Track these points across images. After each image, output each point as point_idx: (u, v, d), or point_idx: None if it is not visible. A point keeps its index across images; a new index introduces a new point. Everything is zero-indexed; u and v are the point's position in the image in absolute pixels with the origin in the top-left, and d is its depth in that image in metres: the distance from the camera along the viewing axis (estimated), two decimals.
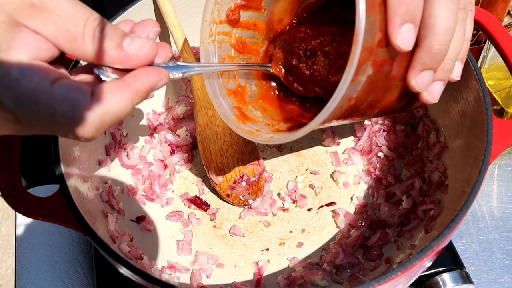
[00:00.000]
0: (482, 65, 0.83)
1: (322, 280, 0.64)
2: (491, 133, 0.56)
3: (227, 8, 0.59)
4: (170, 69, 0.45)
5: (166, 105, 0.80)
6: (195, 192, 0.75)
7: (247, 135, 0.57)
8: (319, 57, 0.58)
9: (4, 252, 1.74)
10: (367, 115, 0.53)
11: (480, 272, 0.72)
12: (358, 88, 0.45)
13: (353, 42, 0.42)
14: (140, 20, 0.45)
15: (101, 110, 0.39)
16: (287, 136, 0.53)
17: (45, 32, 0.39)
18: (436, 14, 0.45)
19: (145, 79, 0.41)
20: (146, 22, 0.44)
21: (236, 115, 0.59)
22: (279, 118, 0.61)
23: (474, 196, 0.53)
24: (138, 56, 0.41)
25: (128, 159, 0.74)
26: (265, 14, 0.62)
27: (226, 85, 0.60)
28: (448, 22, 0.45)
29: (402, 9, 0.43)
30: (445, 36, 0.45)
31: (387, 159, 0.74)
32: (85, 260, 0.74)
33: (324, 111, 0.46)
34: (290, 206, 0.73)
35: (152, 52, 0.42)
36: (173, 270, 0.67)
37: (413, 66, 0.47)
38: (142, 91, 0.41)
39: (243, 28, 0.62)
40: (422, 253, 0.50)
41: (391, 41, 0.44)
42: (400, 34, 0.43)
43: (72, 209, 0.54)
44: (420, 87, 0.48)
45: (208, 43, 0.60)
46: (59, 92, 0.38)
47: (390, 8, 0.43)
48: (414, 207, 0.67)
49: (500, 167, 0.82)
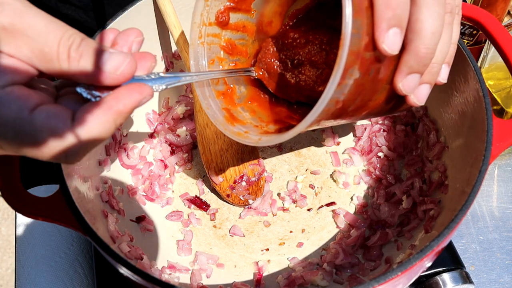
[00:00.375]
0: (482, 65, 0.83)
1: (322, 280, 0.64)
2: (491, 133, 0.56)
3: (217, 10, 0.60)
4: (153, 81, 0.43)
5: (166, 105, 0.80)
6: (195, 192, 0.75)
7: (236, 136, 0.57)
8: (306, 67, 0.58)
9: (4, 252, 1.74)
10: (355, 117, 0.53)
11: (480, 272, 0.72)
12: (345, 91, 0.46)
13: (340, 45, 0.42)
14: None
15: (83, 135, 0.38)
16: (275, 138, 0.54)
17: (19, 55, 0.38)
18: (423, 18, 0.45)
19: (127, 100, 0.40)
20: (129, 31, 0.43)
21: (225, 116, 0.59)
22: (267, 120, 0.61)
23: (474, 196, 0.53)
24: (114, 75, 0.40)
25: (128, 159, 0.74)
26: (255, 16, 0.62)
27: (215, 86, 0.61)
28: (435, 26, 0.45)
29: (388, 14, 0.43)
30: (432, 40, 0.46)
31: (387, 159, 0.74)
32: (85, 260, 0.74)
33: (311, 114, 0.46)
34: (290, 206, 0.73)
35: (130, 70, 0.40)
36: (173, 270, 0.67)
37: (400, 69, 0.47)
38: (124, 112, 0.40)
39: (232, 30, 0.62)
40: (422, 253, 0.50)
41: (378, 45, 0.44)
42: (386, 38, 0.44)
43: (72, 209, 0.54)
44: (407, 90, 0.48)
45: (197, 45, 0.60)
46: (39, 120, 0.37)
47: (377, 13, 0.43)
48: (414, 207, 0.67)
49: (500, 167, 0.82)
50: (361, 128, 0.77)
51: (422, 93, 0.50)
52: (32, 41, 0.38)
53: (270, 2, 0.62)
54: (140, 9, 0.69)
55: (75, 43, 0.39)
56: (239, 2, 0.60)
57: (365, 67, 0.45)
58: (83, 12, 0.91)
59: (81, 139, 0.38)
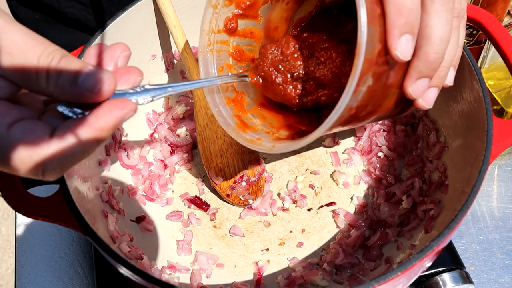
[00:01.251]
0: (482, 65, 0.83)
1: (322, 280, 0.64)
2: (491, 133, 0.56)
3: (225, 17, 0.60)
4: (138, 95, 0.42)
5: (166, 105, 0.80)
6: (195, 192, 0.75)
7: (249, 144, 0.57)
8: (308, 82, 0.58)
9: (4, 252, 1.74)
10: (364, 121, 0.54)
11: (480, 272, 0.72)
12: (359, 98, 0.46)
13: (356, 54, 0.43)
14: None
15: (59, 152, 0.38)
16: (289, 145, 0.54)
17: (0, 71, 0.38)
18: (432, 24, 0.45)
19: (108, 117, 0.39)
20: (114, 47, 0.42)
21: (236, 123, 0.59)
22: (278, 125, 0.61)
23: (474, 196, 0.53)
24: (92, 93, 0.38)
25: (128, 159, 0.74)
26: (262, 22, 0.63)
27: (225, 93, 0.61)
28: (444, 32, 0.46)
29: (401, 21, 0.44)
30: (441, 45, 0.46)
31: (387, 159, 0.74)
32: (85, 260, 0.74)
33: (326, 123, 0.47)
34: (290, 206, 0.73)
35: (109, 87, 0.39)
36: (173, 270, 0.67)
37: (410, 74, 0.48)
38: (106, 129, 0.39)
39: (240, 37, 0.62)
40: (422, 253, 0.50)
41: (391, 52, 0.45)
42: (399, 45, 0.44)
43: (72, 209, 0.54)
44: (417, 94, 0.49)
45: (206, 52, 0.60)
46: (16, 137, 0.37)
47: (389, 20, 0.44)
48: (414, 207, 0.67)
49: (500, 167, 0.82)
50: (361, 128, 0.77)
51: (430, 97, 0.51)
52: (12, 58, 0.37)
53: (276, 7, 0.62)
54: (140, 9, 0.69)
55: (54, 60, 0.38)
56: (246, 9, 0.60)
57: (378, 73, 0.46)
58: (85, 10, 0.91)
59: (57, 156, 0.38)
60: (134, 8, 0.68)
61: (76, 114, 0.39)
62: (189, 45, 0.71)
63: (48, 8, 0.92)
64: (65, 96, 0.39)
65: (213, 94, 0.60)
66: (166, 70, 0.79)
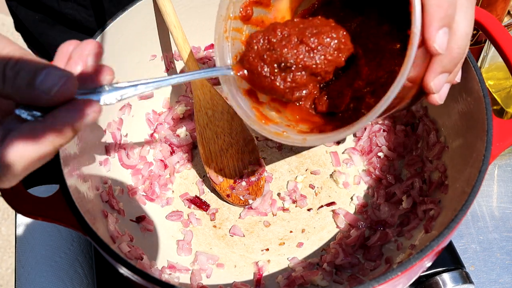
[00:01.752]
0: (482, 65, 0.83)
1: (322, 280, 0.64)
2: (491, 133, 0.56)
3: (241, 4, 0.58)
4: (104, 94, 0.40)
5: (166, 105, 0.80)
6: (195, 192, 0.75)
7: (275, 137, 0.54)
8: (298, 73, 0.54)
9: (4, 252, 1.74)
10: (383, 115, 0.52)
11: (480, 272, 0.72)
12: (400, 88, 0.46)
13: (409, 44, 0.42)
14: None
15: (9, 157, 0.36)
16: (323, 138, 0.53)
17: None
18: (459, 19, 0.46)
19: (65, 118, 0.36)
20: (84, 45, 0.40)
21: (256, 115, 0.57)
22: (293, 119, 0.59)
23: (474, 196, 0.53)
24: (49, 95, 0.36)
25: (128, 159, 0.74)
26: (272, 11, 0.62)
27: (240, 84, 0.58)
28: (468, 28, 0.46)
29: (441, 13, 0.43)
30: (464, 40, 0.47)
31: (387, 159, 0.74)
32: (85, 260, 0.74)
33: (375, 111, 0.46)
34: (290, 206, 0.73)
35: (67, 89, 0.37)
36: (173, 270, 0.67)
37: (433, 68, 0.47)
38: (63, 131, 0.37)
39: (252, 25, 0.60)
40: (422, 253, 0.50)
41: (429, 45, 0.44)
42: (438, 37, 0.44)
43: (72, 209, 0.54)
44: (437, 88, 0.49)
45: (223, 40, 0.58)
46: None
47: (429, 12, 0.43)
48: (414, 207, 0.67)
49: (500, 167, 0.82)
50: (361, 128, 0.77)
51: (444, 92, 0.51)
52: None
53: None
54: (140, 9, 0.69)
55: (11, 61, 0.36)
56: None
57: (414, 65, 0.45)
58: (84, 12, 0.91)
59: (10, 163, 0.36)
60: (134, 8, 0.68)
61: (34, 117, 0.37)
62: (189, 45, 0.71)
63: (48, 9, 0.91)
64: (23, 99, 0.37)
65: (230, 85, 0.57)
66: (166, 70, 0.79)
